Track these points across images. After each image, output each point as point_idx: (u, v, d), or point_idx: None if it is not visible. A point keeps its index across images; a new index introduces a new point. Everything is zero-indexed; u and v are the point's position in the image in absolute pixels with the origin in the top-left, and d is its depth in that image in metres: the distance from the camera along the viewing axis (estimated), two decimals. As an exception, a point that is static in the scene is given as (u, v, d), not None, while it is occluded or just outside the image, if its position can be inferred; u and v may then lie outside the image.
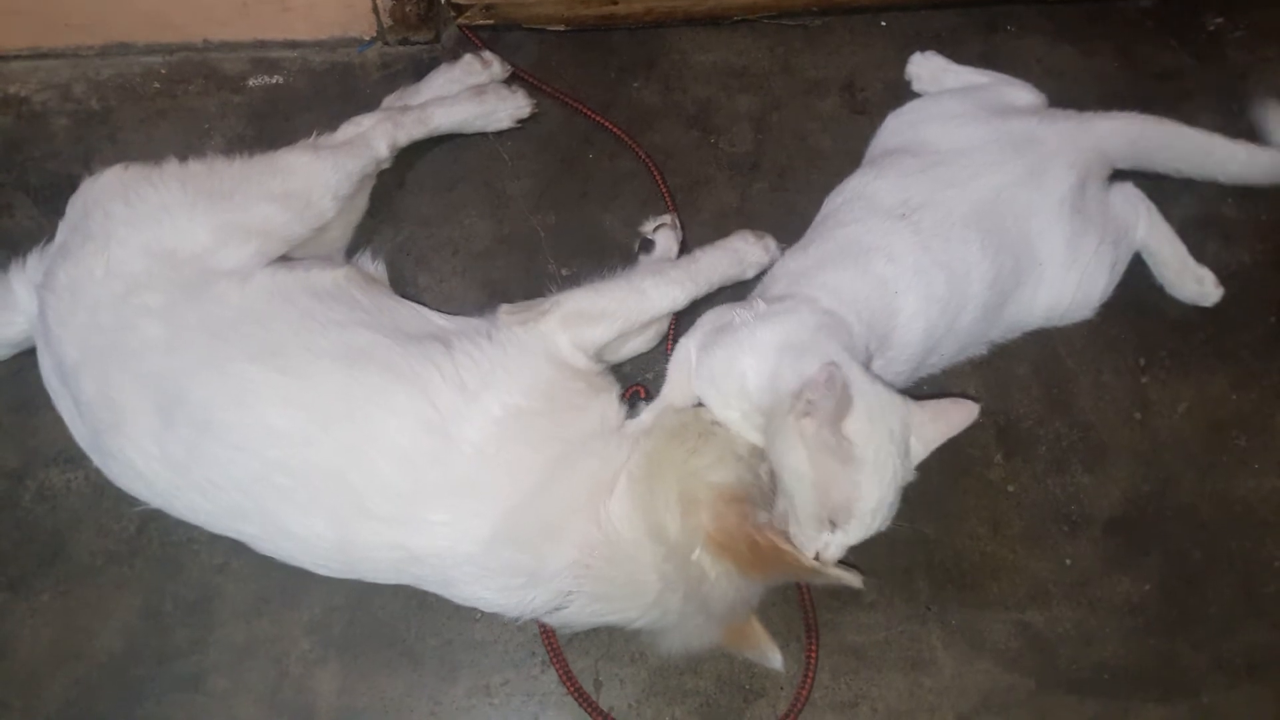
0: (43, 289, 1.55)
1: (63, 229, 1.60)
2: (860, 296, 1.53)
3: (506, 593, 1.46)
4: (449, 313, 1.68)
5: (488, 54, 2.00)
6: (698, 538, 1.40)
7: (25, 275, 1.64)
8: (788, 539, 1.39)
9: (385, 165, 1.85)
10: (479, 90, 1.95)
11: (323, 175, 1.68)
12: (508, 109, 1.97)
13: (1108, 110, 1.80)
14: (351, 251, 1.81)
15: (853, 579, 1.38)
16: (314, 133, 1.77)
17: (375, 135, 1.79)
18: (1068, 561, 1.74)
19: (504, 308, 1.60)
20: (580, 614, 1.47)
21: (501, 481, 1.43)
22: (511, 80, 2.01)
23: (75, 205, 1.61)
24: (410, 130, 1.86)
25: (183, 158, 1.63)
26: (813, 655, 1.64)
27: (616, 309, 1.62)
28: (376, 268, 1.76)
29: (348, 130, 1.79)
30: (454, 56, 2.01)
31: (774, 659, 1.51)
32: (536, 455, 1.45)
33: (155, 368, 1.45)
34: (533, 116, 2.00)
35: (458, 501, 1.43)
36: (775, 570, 1.40)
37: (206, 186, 1.59)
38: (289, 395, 1.43)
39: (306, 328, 1.48)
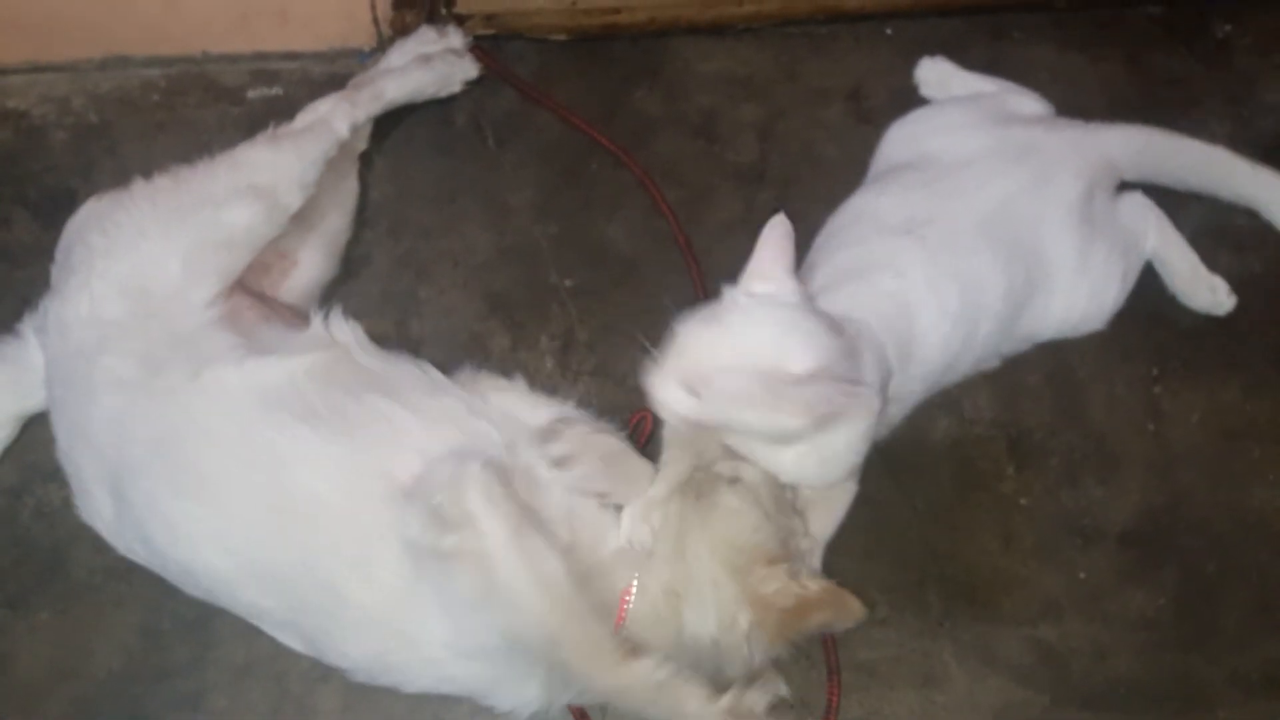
0: (39, 330, 1.57)
1: (54, 270, 1.60)
2: (875, 311, 1.50)
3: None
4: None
5: (445, 26, 2.00)
6: (739, 607, 1.36)
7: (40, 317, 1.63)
8: (828, 582, 1.37)
9: (362, 147, 1.84)
10: (426, 58, 1.95)
11: (287, 167, 1.65)
12: (457, 73, 1.97)
13: (1116, 117, 1.79)
14: (348, 265, 1.79)
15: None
16: (271, 124, 1.74)
17: (334, 116, 1.76)
18: (1081, 575, 1.72)
19: (427, 502, 1.35)
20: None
21: (479, 669, 1.38)
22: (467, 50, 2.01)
23: (60, 245, 1.61)
24: (367, 107, 1.84)
25: (162, 172, 1.62)
26: (834, 696, 1.62)
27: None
28: (352, 328, 1.58)
29: (306, 117, 1.77)
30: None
31: (779, 689, 1.48)
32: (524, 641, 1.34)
33: (107, 452, 1.44)
34: (530, 124, 1.99)
35: (437, 684, 1.41)
36: (820, 618, 1.35)
37: (175, 201, 1.57)
38: (217, 539, 1.39)
39: (240, 457, 1.40)
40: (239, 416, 1.41)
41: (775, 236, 1.37)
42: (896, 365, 1.50)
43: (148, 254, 1.51)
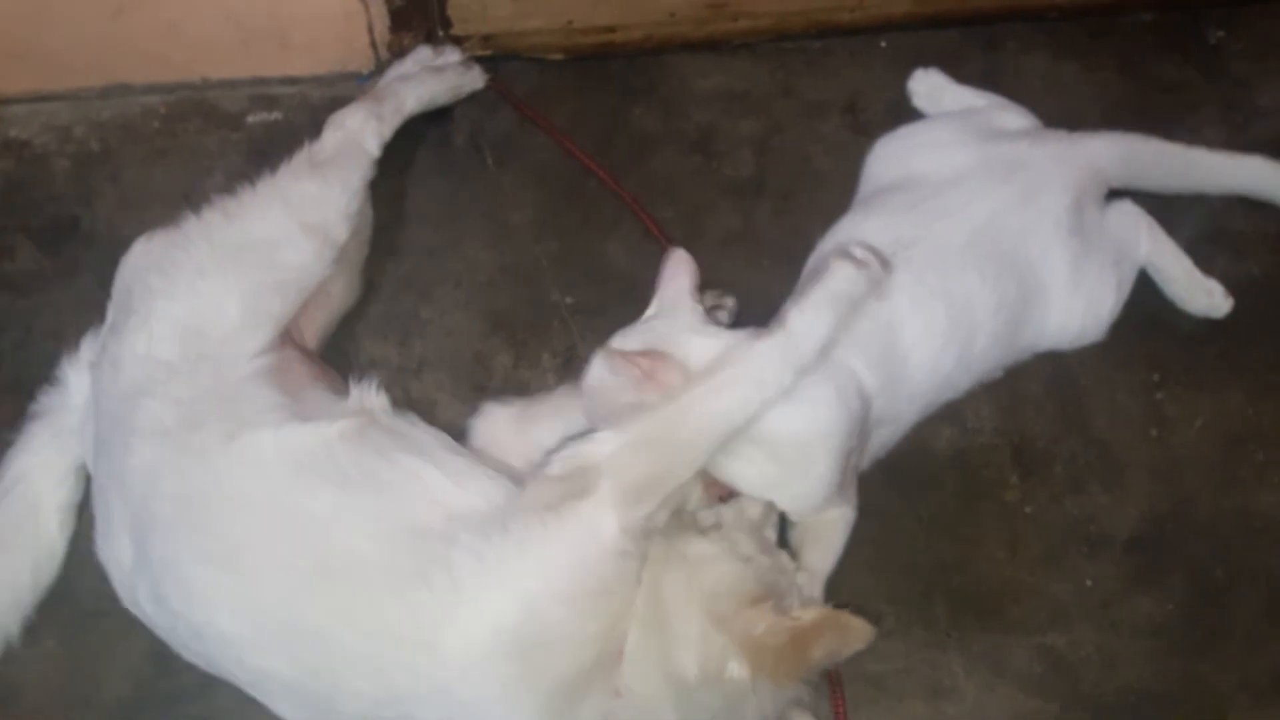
0: (94, 366, 1.56)
1: (111, 310, 1.60)
2: (855, 331, 1.50)
3: None
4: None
5: (442, 46, 2.03)
6: (728, 655, 1.31)
7: (80, 358, 1.63)
8: (823, 607, 1.35)
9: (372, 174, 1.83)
10: (438, 69, 1.99)
11: (334, 200, 1.66)
12: (467, 82, 2.01)
13: (1111, 125, 1.80)
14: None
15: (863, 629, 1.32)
16: (305, 142, 1.74)
17: (364, 135, 1.77)
18: (1088, 583, 1.71)
19: (544, 475, 1.37)
20: None
21: (499, 696, 1.30)
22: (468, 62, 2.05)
23: (118, 285, 1.60)
24: (391, 120, 1.84)
25: (193, 204, 1.62)
26: (839, 708, 1.61)
27: (686, 455, 1.36)
28: (379, 397, 1.55)
29: (335, 135, 1.76)
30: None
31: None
32: (550, 661, 1.30)
33: (137, 501, 1.42)
34: (529, 144, 2.01)
35: (446, 711, 1.34)
36: (823, 645, 1.29)
37: (231, 239, 1.57)
38: (243, 604, 1.36)
39: (271, 524, 1.38)
40: (271, 483, 1.39)
41: (669, 267, 1.55)
42: (880, 384, 1.50)
43: (207, 295, 1.51)
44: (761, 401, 1.37)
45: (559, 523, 1.31)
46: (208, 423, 1.42)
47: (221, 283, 1.53)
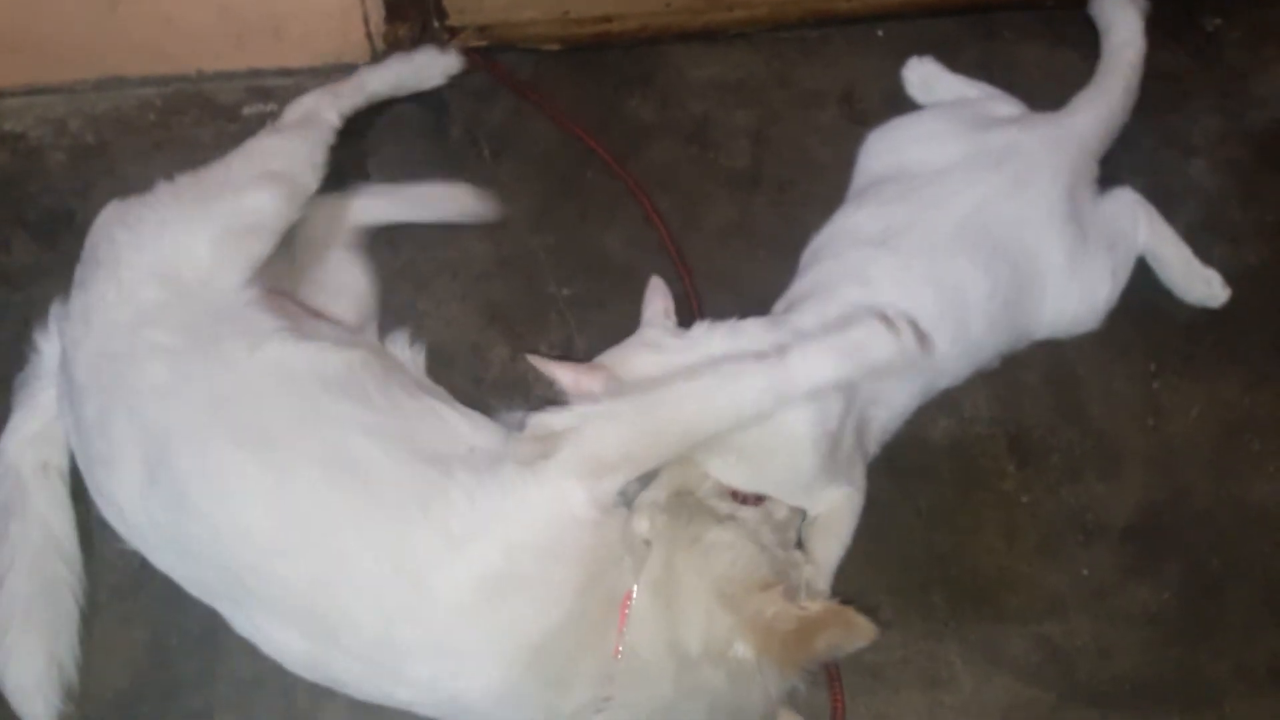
0: (61, 319, 1.58)
1: (78, 270, 1.60)
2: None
3: None
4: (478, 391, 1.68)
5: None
6: (734, 635, 1.32)
7: (50, 329, 1.65)
8: (830, 601, 1.35)
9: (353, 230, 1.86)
10: (408, 56, 1.98)
11: (298, 151, 1.71)
12: (440, 66, 1.99)
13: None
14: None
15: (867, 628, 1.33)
16: (266, 123, 1.78)
17: (321, 108, 1.81)
18: (1085, 572, 1.72)
19: (521, 435, 1.43)
20: None
21: (486, 644, 1.34)
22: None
23: (86, 245, 1.62)
24: (351, 98, 1.87)
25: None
26: (839, 703, 1.62)
27: (651, 445, 1.40)
28: (415, 351, 1.68)
29: (294, 111, 1.81)
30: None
31: None
32: (531, 613, 1.33)
33: (150, 416, 1.43)
34: (525, 136, 2.01)
35: (436, 662, 1.35)
36: (827, 638, 1.30)
37: (196, 193, 1.61)
38: (266, 496, 1.38)
39: (302, 421, 1.42)
40: (299, 385, 1.44)
41: (648, 293, 1.64)
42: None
43: (172, 243, 1.54)
44: (734, 420, 1.40)
45: (535, 479, 1.36)
46: (224, 338, 1.47)
47: (187, 230, 1.55)
